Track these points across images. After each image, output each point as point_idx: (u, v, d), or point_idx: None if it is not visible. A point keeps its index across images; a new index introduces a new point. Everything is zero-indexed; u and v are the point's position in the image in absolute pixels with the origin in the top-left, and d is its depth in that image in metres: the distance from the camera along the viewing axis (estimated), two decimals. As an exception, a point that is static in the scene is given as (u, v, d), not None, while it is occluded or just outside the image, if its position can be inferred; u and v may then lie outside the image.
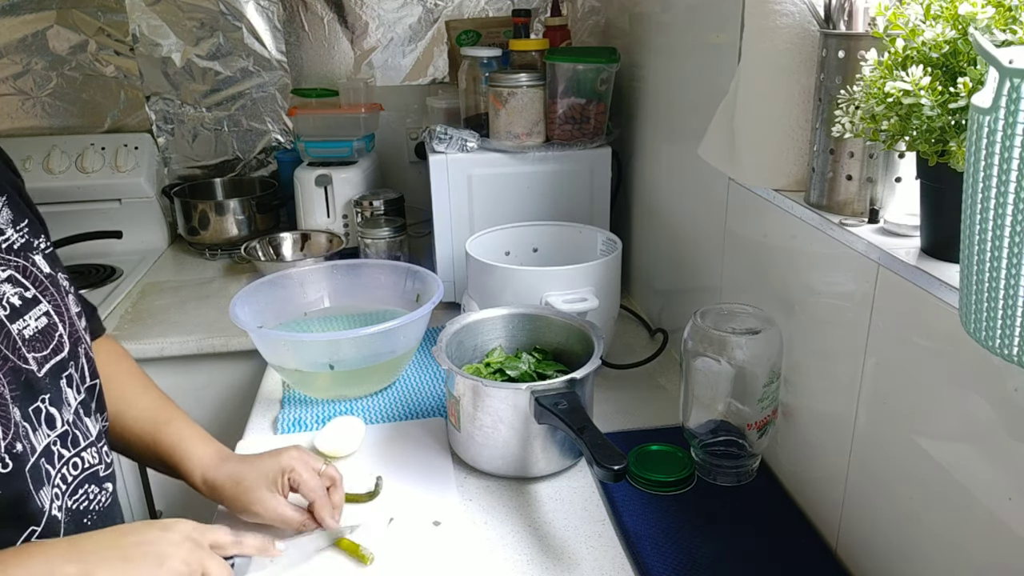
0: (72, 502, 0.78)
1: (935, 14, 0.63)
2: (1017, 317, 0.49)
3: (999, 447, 0.63)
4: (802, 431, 0.95)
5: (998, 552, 0.64)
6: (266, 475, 0.91)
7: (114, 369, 0.97)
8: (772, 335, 0.93)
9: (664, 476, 0.99)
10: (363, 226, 1.63)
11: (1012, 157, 0.46)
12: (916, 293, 0.70)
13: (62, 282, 0.83)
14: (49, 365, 0.77)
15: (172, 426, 0.95)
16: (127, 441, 0.96)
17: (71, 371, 0.80)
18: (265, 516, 0.90)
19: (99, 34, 1.90)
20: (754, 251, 1.04)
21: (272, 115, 1.99)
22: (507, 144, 1.46)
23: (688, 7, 1.24)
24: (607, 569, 0.87)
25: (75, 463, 0.79)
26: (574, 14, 1.92)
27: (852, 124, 0.72)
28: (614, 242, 1.29)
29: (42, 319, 0.78)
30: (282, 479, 0.91)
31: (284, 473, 0.91)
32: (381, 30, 1.93)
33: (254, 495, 0.90)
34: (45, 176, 1.84)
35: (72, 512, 0.78)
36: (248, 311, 1.22)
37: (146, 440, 0.95)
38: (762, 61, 0.90)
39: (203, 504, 0.96)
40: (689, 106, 1.24)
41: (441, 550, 0.90)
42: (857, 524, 0.84)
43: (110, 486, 0.85)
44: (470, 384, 0.99)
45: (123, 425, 0.95)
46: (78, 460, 0.80)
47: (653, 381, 1.28)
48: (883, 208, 0.82)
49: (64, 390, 0.79)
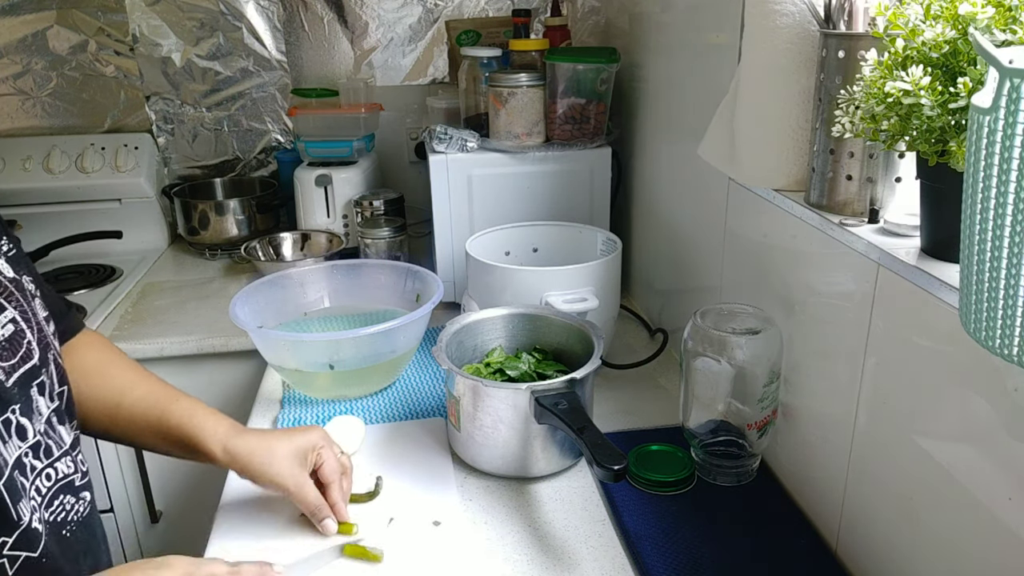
0: (48, 514, 0.76)
1: (935, 14, 0.63)
2: (1017, 317, 0.49)
3: (999, 447, 0.63)
4: (802, 431, 0.95)
5: (998, 552, 0.64)
6: (299, 448, 0.92)
7: (107, 357, 0.95)
8: (772, 335, 0.93)
9: (664, 476, 0.99)
10: (363, 226, 1.63)
11: (1012, 157, 0.46)
12: (916, 293, 0.70)
13: (27, 286, 0.80)
14: (18, 374, 0.74)
15: (181, 402, 0.93)
16: (129, 424, 0.92)
17: (43, 378, 0.77)
18: (290, 489, 0.90)
19: (99, 34, 1.90)
20: (754, 251, 1.04)
21: (272, 115, 1.99)
22: (507, 144, 1.46)
23: (688, 7, 1.24)
24: (607, 569, 0.87)
25: (48, 474, 0.76)
26: (574, 14, 1.91)
27: (852, 124, 0.72)
28: (614, 242, 1.29)
29: (8, 326, 0.74)
30: (313, 455, 0.92)
31: (315, 449, 0.92)
32: (381, 30, 1.93)
33: (285, 465, 0.90)
34: (45, 176, 1.84)
35: (51, 524, 0.76)
36: (248, 311, 1.22)
37: (151, 419, 0.92)
38: (762, 61, 0.90)
39: (202, 506, 0.96)
40: (689, 106, 1.24)
41: (441, 550, 0.90)
42: (857, 524, 0.84)
43: (87, 495, 0.82)
44: (470, 384, 0.99)
45: (125, 408, 0.92)
46: (51, 471, 0.77)
47: (653, 381, 1.28)
48: (883, 208, 0.82)
49: (35, 399, 0.76)
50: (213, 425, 0.91)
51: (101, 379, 0.91)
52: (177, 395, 0.95)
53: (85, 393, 0.89)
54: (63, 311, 0.92)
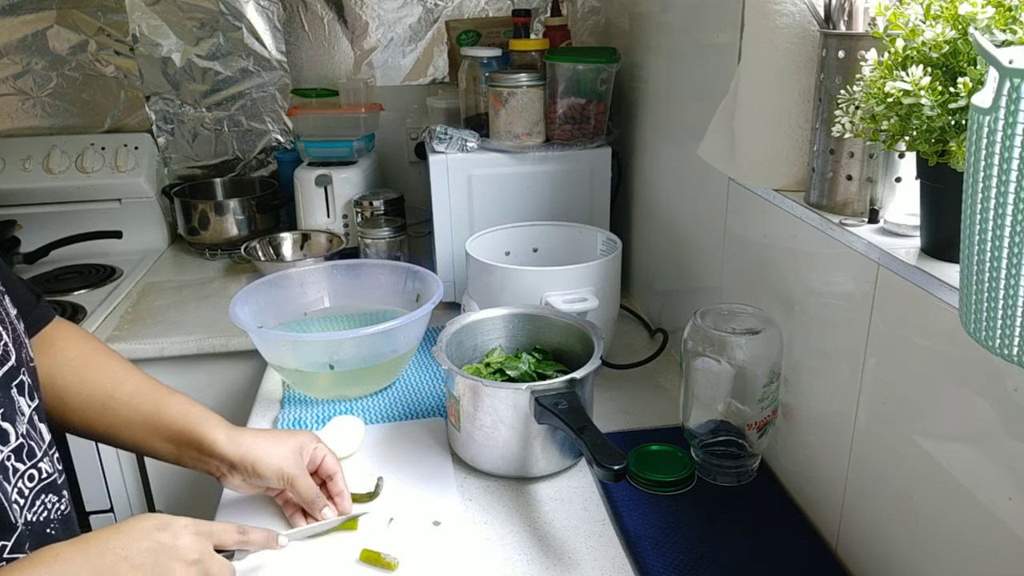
0: (32, 514, 0.74)
1: (935, 14, 0.63)
2: (1017, 317, 0.49)
3: (999, 447, 0.63)
4: (802, 431, 0.95)
5: (998, 552, 0.64)
6: (298, 443, 0.93)
7: (91, 348, 0.93)
8: (772, 335, 0.93)
9: (664, 476, 0.99)
10: (363, 226, 1.63)
11: (1012, 157, 0.46)
12: (916, 293, 0.70)
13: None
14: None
15: (177, 396, 0.92)
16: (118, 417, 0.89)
17: (22, 378, 0.75)
18: (294, 476, 0.91)
19: (99, 34, 1.90)
20: (754, 251, 1.04)
21: (272, 115, 1.99)
22: (507, 144, 1.46)
23: (688, 7, 1.24)
24: (607, 569, 0.87)
25: (31, 475, 0.75)
26: (574, 14, 1.91)
27: (852, 124, 0.72)
28: (614, 242, 1.29)
29: None
30: (309, 450, 0.93)
31: (310, 446, 0.93)
32: (381, 30, 1.93)
33: (289, 454, 0.91)
34: (45, 176, 1.84)
35: (33, 524, 0.75)
36: (248, 311, 1.22)
37: (145, 411, 0.89)
38: (762, 61, 0.90)
39: (202, 506, 0.96)
40: (689, 106, 1.24)
41: (441, 550, 0.91)
42: (857, 524, 0.84)
43: (66, 493, 0.81)
44: (470, 384, 0.99)
45: (117, 400, 0.89)
46: (34, 472, 0.75)
47: (653, 381, 1.28)
48: (883, 208, 0.82)
49: (16, 400, 0.74)
50: (213, 418, 0.91)
51: (88, 372, 0.89)
52: (170, 389, 0.94)
53: (73, 387, 0.87)
54: (31, 303, 0.89)
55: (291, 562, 0.88)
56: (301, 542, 0.91)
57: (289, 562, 0.88)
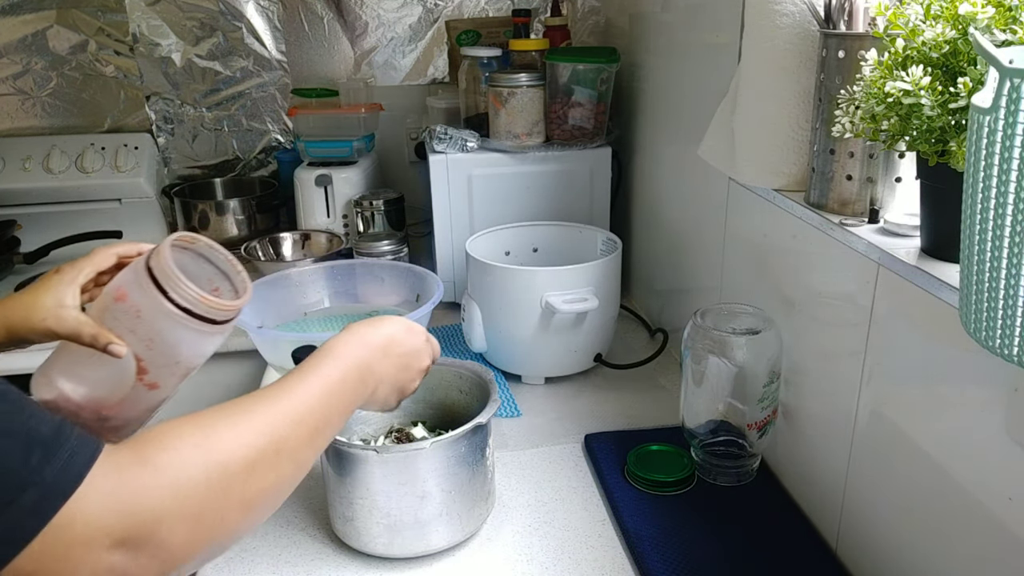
0: None
1: (935, 14, 0.63)
2: (1017, 317, 0.49)
3: (999, 447, 0.63)
4: (802, 431, 0.95)
5: (998, 552, 0.64)
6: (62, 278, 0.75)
7: None
8: (772, 335, 0.93)
9: (664, 476, 0.99)
10: (362, 239, 1.62)
11: (1012, 157, 0.46)
12: (916, 293, 0.70)
13: None
14: None
15: None
16: None
17: None
18: (52, 328, 0.73)
19: (99, 34, 1.89)
20: (754, 251, 1.04)
21: (272, 115, 1.99)
22: (507, 144, 1.46)
23: (688, 7, 1.24)
24: (607, 569, 0.87)
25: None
26: (574, 14, 1.91)
27: (852, 124, 0.72)
28: (614, 242, 1.29)
29: None
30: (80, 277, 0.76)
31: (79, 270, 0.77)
32: (381, 30, 1.93)
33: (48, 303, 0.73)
34: (45, 176, 1.84)
35: None
36: (248, 311, 1.21)
37: None
38: (762, 61, 0.90)
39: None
40: (689, 106, 1.24)
41: (439, 551, 0.90)
42: (857, 524, 0.84)
43: None
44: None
45: None
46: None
47: (653, 381, 1.28)
48: (883, 208, 0.82)
49: None
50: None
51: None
52: None
53: None
54: None
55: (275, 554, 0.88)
56: None
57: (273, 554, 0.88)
